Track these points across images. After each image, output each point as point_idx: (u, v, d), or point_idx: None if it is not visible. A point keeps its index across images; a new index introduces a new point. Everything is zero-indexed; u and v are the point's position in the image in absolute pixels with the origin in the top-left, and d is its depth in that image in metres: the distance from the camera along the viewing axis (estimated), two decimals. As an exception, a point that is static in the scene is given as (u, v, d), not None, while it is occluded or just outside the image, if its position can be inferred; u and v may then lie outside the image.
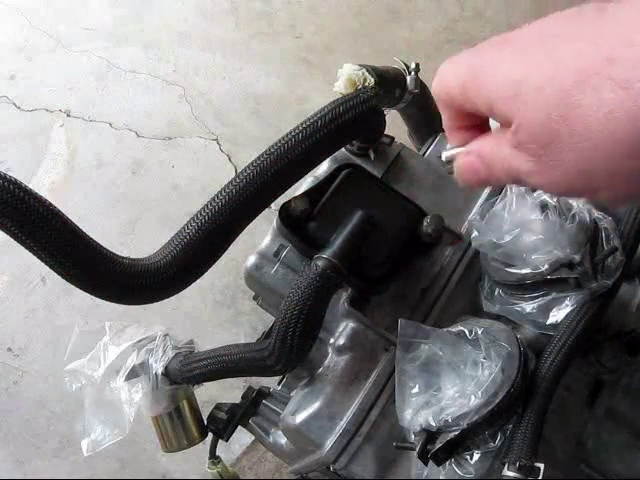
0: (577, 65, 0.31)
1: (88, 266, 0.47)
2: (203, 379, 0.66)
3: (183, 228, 0.51)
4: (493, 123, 0.41)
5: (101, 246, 0.49)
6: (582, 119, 0.31)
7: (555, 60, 0.32)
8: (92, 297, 0.51)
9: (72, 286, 0.50)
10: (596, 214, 0.60)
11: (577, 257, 0.55)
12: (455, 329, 0.58)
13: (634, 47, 0.29)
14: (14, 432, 1.63)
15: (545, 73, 0.32)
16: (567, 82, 0.31)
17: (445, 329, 0.58)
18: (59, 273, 0.46)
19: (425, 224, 0.64)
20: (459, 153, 0.42)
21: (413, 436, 0.54)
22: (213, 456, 0.87)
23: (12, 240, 0.46)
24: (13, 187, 0.43)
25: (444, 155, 0.42)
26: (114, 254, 0.50)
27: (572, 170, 0.33)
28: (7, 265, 1.84)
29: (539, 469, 0.50)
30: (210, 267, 0.53)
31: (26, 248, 0.45)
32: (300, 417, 0.59)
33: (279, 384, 0.80)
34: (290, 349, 0.55)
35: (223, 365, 0.61)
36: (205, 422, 0.77)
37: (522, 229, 0.57)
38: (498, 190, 0.68)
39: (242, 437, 1.46)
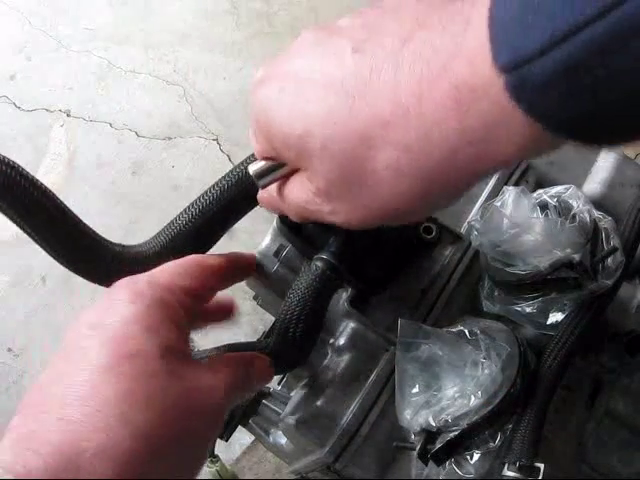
0: (356, 126, 0.31)
1: (79, 251, 0.47)
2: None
3: (175, 219, 0.51)
4: None
5: (94, 232, 0.49)
6: (371, 174, 0.32)
7: (333, 117, 0.32)
8: (92, 297, 0.51)
9: (72, 286, 0.50)
10: (596, 214, 0.60)
11: (577, 257, 0.55)
12: (455, 329, 0.58)
13: (403, 109, 0.29)
14: (14, 432, 1.63)
15: (325, 132, 0.32)
16: (351, 141, 0.32)
17: (445, 329, 0.58)
18: (52, 256, 0.46)
19: (425, 224, 0.64)
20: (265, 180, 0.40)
21: (413, 436, 0.54)
22: (212, 455, 0.87)
23: (12, 240, 0.46)
24: (9, 170, 0.44)
25: (251, 170, 0.41)
26: (107, 240, 0.50)
27: (370, 212, 0.35)
28: (7, 265, 1.84)
29: (539, 469, 0.50)
30: None
31: (21, 229, 0.45)
32: (300, 417, 0.59)
33: (279, 384, 0.80)
34: (290, 350, 0.55)
35: None
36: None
37: (522, 229, 0.57)
38: (498, 190, 0.68)
39: (242, 437, 1.46)
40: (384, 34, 0.31)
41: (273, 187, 0.41)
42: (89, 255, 0.48)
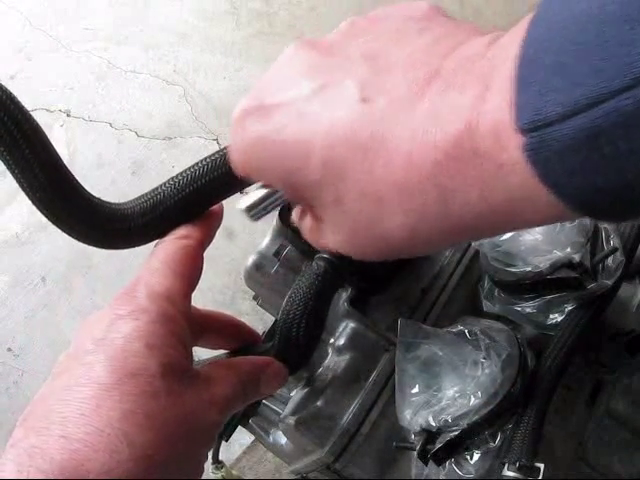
0: (371, 185, 0.29)
1: (57, 193, 0.46)
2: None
3: (160, 185, 0.50)
4: None
5: (76, 179, 0.48)
6: (384, 230, 0.31)
7: (347, 171, 0.30)
8: (92, 297, 0.50)
9: (72, 286, 0.50)
10: (596, 214, 0.60)
11: (577, 257, 0.55)
12: (455, 329, 0.58)
13: (419, 177, 0.28)
14: (14, 432, 1.63)
15: (338, 186, 0.31)
16: (365, 200, 0.30)
17: (445, 329, 0.58)
18: (26, 193, 0.45)
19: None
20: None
21: (413, 436, 0.54)
22: (216, 461, 0.87)
23: (12, 240, 0.45)
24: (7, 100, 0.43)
25: (242, 205, 0.38)
26: (88, 191, 0.49)
27: (376, 254, 0.34)
28: (7, 265, 1.84)
29: (539, 469, 0.50)
30: (180, 225, 0.52)
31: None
32: (300, 417, 0.59)
33: (279, 384, 0.80)
34: (293, 351, 0.55)
35: None
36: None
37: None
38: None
39: (242, 437, 1.46)
40: (392, 76, 0.28)
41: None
42: (66, 200, 0.47)
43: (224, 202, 0.49)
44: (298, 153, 0.30)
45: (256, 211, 0.38)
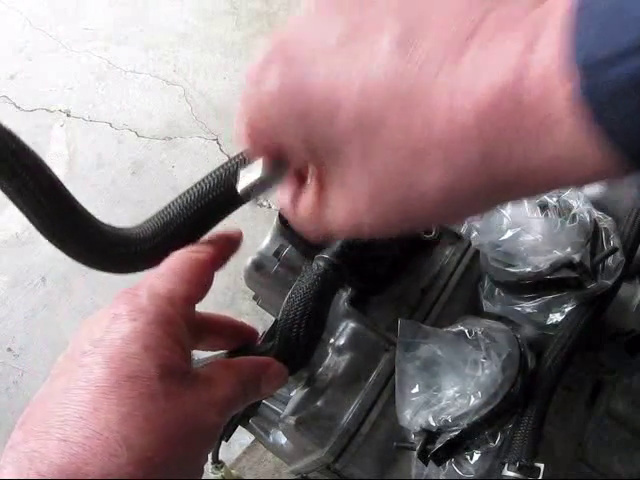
0: (408, 139, 0.27)
1: (64, 222, 0.46)
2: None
3: (168, 205, 0.50)
4: None
5: (82, 207, 0.48)
6: (418, 192, 0.28)
7: (384, 124, 0.28)
8: (92, 297, 0.51)
9: (72, 286, 0.50)
10: (596, 214, 0.60)
11: (577, 257, 0.56)
12: (455, 329, 0.58)
13: (462, 130, 0.26)
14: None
15: (373, 141, 0.28)
16: (400, 153, 0.28)
17: (445, 329, 0.58)
18: (35, 226, 0.45)
19: (425, 224, 0.64)
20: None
21: (413, 436, 0.54)
22: (216, 461, 0.87)
23: (12, 240, 0.46)
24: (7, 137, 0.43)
25: (240, 187, 0.36)
26: (95, 218, 0.49)
27: (401, 223, 0.31)
28: (7, 265, 1.84)
29: (539, 469, 0.50)
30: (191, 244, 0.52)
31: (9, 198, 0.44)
32: (300, 417, 0.59)
33: (279, 384, 0.80)
34: (293, 351, 0.55)
35: None
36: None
37: (522, 229, 0.57)
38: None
39: (242, 437, 1.46)
40: (430, 29, 0.27)
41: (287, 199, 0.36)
42: (77, 231, 0.47)
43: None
44: (328, 104, 0.28)
45: (252, 194, 0.36)
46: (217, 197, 0.48)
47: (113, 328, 0.37)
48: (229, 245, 0.47)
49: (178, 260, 0.43)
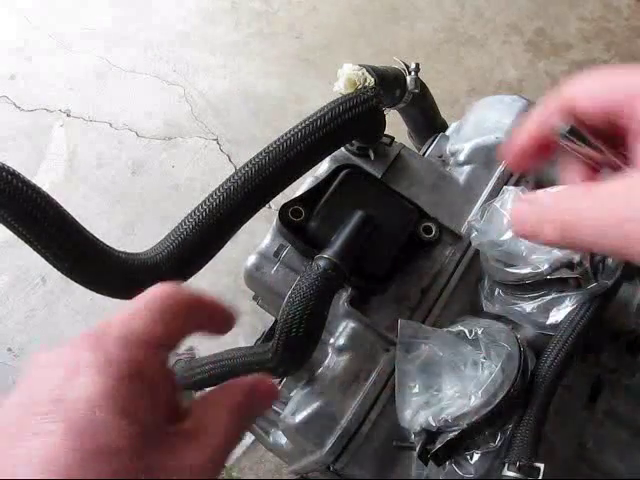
0: None
1: (83, 259, 0.47)
2: (205, 384, 0.66)
3: (180, 224, 0.51)
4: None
5: (97, 239, 0.49)
6: None
7: None
8: (92, 297, 0.51)
9: (72, 286, 0.50)
10: (596, 214, 0.60)
11: (577, 257, 0.55)
12: (455, 329, 0.58)
13: None
14: (14, 432, 1.63)
15: None
16: None
17: (445, 329, 0.58)
18: (54, 265, 0.46)
19: (425, 224, 0.64)
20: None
21: (413, 436, 0.54)
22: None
23: (12, 240, 0.46)
24: (11, 177, 0.44)
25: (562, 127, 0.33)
26: (111, 248, 0.49)
27: None
28: (7, 265, 1.84)
29: (539, 469, 0.50)
30: (206, 263, 0.53)
31: (20, 237, 0.45)
32: (300, 417, 0.59)
33: (279, 384, 0.80)
34: (293, 351, 0.55)
35: (225, 369, 0.61)
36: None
37: (522, 229, 0.57)
38: (498, 190, 0.68)
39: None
40: None
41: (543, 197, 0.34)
42: (93, 263, 0.48)
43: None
44: None
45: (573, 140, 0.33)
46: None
47: (76, 384, 0.29)
48: (220, 316, 0.40)
49: (157, 294, 0.35)
